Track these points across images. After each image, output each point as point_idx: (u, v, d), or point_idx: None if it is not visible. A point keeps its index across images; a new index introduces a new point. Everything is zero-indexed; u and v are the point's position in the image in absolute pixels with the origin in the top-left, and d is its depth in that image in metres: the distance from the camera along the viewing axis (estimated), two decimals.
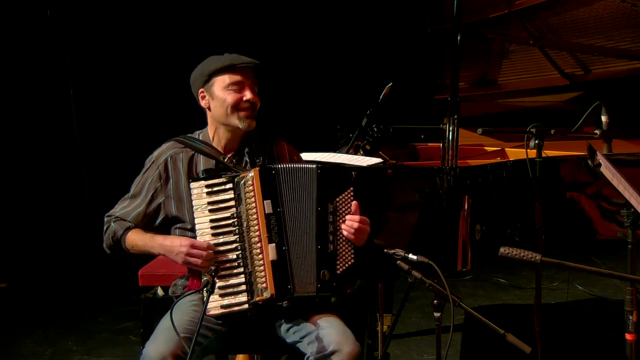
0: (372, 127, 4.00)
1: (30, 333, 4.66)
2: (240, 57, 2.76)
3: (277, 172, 2.66)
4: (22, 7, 5.84)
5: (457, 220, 3.22)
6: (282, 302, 2.61)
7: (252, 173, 2.65)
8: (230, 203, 2.64)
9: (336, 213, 2.64)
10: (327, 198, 2.63)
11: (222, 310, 2.59)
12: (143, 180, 2.81)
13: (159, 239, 2.73)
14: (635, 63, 4.09)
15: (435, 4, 4.16)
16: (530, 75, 4.40)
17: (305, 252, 2.63)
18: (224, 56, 2.77)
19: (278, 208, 2.63)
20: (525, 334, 2.52)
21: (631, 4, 3.86)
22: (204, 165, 2.77)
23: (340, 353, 2.53)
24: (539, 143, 3.14)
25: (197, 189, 2.65)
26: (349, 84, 6.30)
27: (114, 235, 2.78)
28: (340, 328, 2.61)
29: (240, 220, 2.63)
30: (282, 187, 2.65)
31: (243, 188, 2.64)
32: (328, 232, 2.63)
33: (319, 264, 2.61)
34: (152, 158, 2.83)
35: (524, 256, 2.21)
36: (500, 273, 5.64)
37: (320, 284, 2.60)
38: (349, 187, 2.65)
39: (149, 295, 3.35)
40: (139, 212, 2.79)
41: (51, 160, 6.06)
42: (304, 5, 6.39)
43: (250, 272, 2.61)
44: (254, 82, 2.78)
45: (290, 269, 2.62)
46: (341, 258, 2.63)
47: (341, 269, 2.63)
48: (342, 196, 2.65)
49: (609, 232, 3.45)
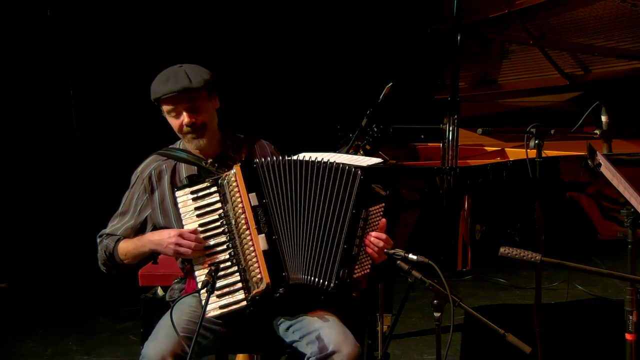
0: (372, 127, 4.00)
1: (30, 333, 4.66)
2: (164, 87, 2.72)
3: (257, 165, 2.68)
4: (22, 7, 5.84)
5: (457, 220, 3.22)
6: (278, 291, 2.61)
7: (234, 170, 2.68)
8: (216, 205, 2.68)
9: (367, 221, 2.66)
10: (362, 204, 2.66)
11: (220, 310, 2.59)
12: (130, 196, 2.87)
13: (148, 235, 2.78)
14: (635, 63, 4.09)
15: (435, 4, 4.17)
16: (530, 75, 4.40)
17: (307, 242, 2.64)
18: (155, 85, 2.76)
19: (264, 199, 2.66)
20: (525, 334, 2.52)
21: (631, 4, 3.87)
22: (186, 172, 2.81)
23: (340, 354, 2.54)
24: (539, 143, 3.14)
25: (182, 197, 2.69)
26: (349, 84, 6.30)
27: (107, 249, 2.82)
28: (339, 328, 2.61)
29: (228, 219, 2.66)
30: (266, 180, 2.67)
31: (227, 187, 2.68)
32: (356, 236, 2.65)
33: (341, 262, 2.62)
34: (137, 173, 2.89)
35: (524, 256, 2.21)
36: (500, 273, 5.64)
37: (338, 281, 2.61)
38: (382, 202, 2.69)
39: (149, 295, 3.36)
40: (128, 226, 2.84)
41: (51, 160, 6.05)
42: (304, 5, 6.39)
43: (245, 268, 2.62)
44: (190, 105, 2.74)
45: (282, 256, 2.63)
46: (360, 264, 2.65)
47: (358, 274, 2.64)
48: (375, 208, 2.68)
49: (609, 232, 3.45)
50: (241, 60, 6.20)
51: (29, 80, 5.94)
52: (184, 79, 2.71)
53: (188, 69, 2.76)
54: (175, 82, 2.72)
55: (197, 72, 2.76)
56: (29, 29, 5.89)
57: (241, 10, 6.33)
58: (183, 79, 2.71)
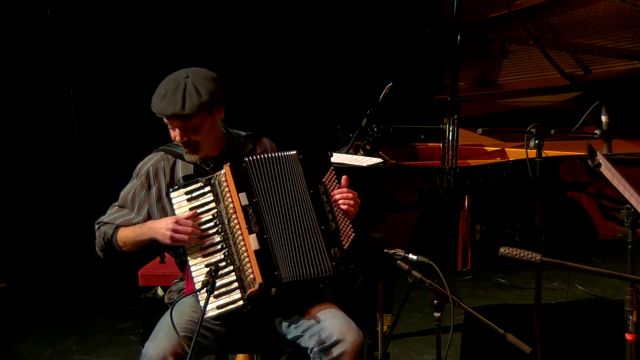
0: (372, 127, 4.00)
1: (30, 333, 4.66)
2: (159, 106, 2.69)
3: (247, 164, 2.69)
4: (22, 7, 5.84)
5: (457, 220, 3.22)
6: (271, 290, 2.61)
7: (224, 170, 2.68)
8: (210, 205, 2.69)
9: (327, 192, 2.71)
10: (315, 180, 2.71)
11: (218, 311, 2.60)
12: (128, 190, 2.87)
13: (147, 223, 2.76)
14: (635, 63, 4.09)
15: (435, 3, 4.16)
16: (530, 75, 4.39)
17: (294, 236, 2.65)
18: (155, 97, 2.72)
19: (254, 199, 2.67)
20: (525, 334, 2.52)
21: (631, 4, 3.87)
22: (183, 172, 2.81)
23: (344, 342, 2.55)
24: (539, 143, 3.14)
25: (177, 197, 2.70)
26: (349, 84, 6.30)
27: (105, 235, 2.82)
28: (342, 318, 2.63)
29: (221, 219, 2.67)
30: (256, 178, 2.68)
31: (219, 187, 2.69)
32: (326, 212, 2.69)
33: (327, 243, 2.65)
34: (137, 169, 2.88)
35: (524, 256, 2.22)
36: (500, 273, 5.63)
37: (335, 262, 2.63)
38: (329, 167, 2.75)
39: (149, 295, 3.36)
40: (127, 219, 2.83)
41: (51, 161, 6.05)
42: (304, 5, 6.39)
43: (239, 268, 2.63)
44: (184, 125, 2.70)
45: (274, 255, 2.63)
46: (344, 234, 2.68)
47: (346, 244, 2.67)
48: (327, 176, 2.73)
49: (609, 232, 3.45)
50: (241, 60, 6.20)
51: (29, 80, 5.94)
52: (178, 101, 2.64)
53: (191, 83, 2.67)
54: (168, 103, 2.65)
55: (199, 89, 2.66)
56: (29, 29, 5.88)
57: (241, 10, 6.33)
58: (177, 101, 2.64)
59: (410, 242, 3.27)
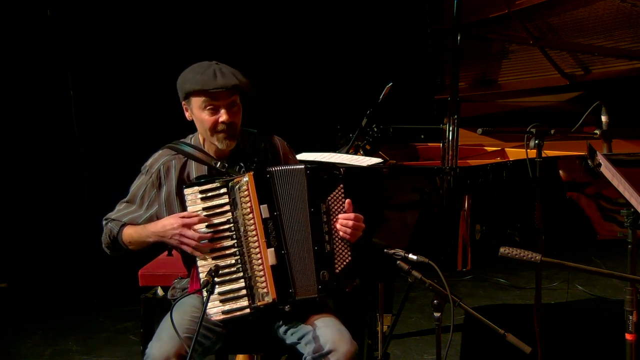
0: (372, 127, 4.00)
1: (30, 333, 4.66)
2: (214, 81, 2.63)
3: (271, 175, 2.64)
4: (22, 7, 5.84)
5: (457, 220, 3.22)
6: (284, 306, 2.60)
7: (246, 177, 2.62)
8: (225, 208, 2.63)
9: (329, 212, 2.64)
10: (319, 198, 2.63)
11: (223, 315, 2.59)
12: (138, 185, 2.82)
13: (150, 227, 2.72)
14: (635, 63, 4.09)
15: (435, 3, 4.16)
16: (530, 75, 4.40)
17: (304, 254, 2.63)
18: (198, 76, 2.66)
19: (275, 212, 2.62)
20: (525, 334, 2.52)
21: (631, 4, 3.86)
22: (196, 172, 2.76)
23: (337, 352, 2.53)
24: (539, 143, 3.14)
25: (190, 194, 2.64)
26: (349, 84, 6.30)
27: (111, 233, 2.79)
28: (336, 327, 2.61)
29: (237, 225, 2.62)
30: (278, 190, 2.64)
31: (238, 193, 2.63)
32: (324, 232, 2.63)
33: (317, 265, 2.61)
34: (146, 166, 2.82)
35: (524, 256, 2.21)
36: (500, 273, 5.64)
37: (321, 285, 2.60)
38: (339, 184, 2.65)
39: (149, 295, 3.36)
40: (135, 216, 2.79)
41: (51, 161, 6.06)
42: (304, 5, 6.39)
43: (250, 277, 2.60)
44: (230, 102, 2.67)
45: (290, 272, 2.61)
46: (338, 257, 2.63)
47: (339, 267, 2.63)
48: (333, 194, 2.65)
49: (609, 232, 3.45)
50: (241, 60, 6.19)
51: (29, 80, 5.94)
52: (232, 77, 2.63)
53: (223, 66, 2.67)
54: (210, 77, 2.62)
55: (233, 71, 2.68)
56: (29, 28, 5.89)
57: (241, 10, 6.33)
58: (232, 77, 2.63)
59: (410, 242, 3.27)
